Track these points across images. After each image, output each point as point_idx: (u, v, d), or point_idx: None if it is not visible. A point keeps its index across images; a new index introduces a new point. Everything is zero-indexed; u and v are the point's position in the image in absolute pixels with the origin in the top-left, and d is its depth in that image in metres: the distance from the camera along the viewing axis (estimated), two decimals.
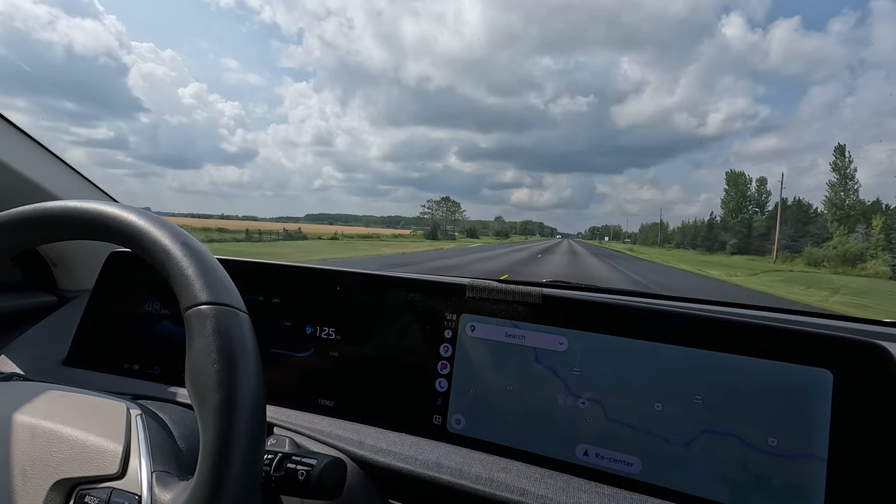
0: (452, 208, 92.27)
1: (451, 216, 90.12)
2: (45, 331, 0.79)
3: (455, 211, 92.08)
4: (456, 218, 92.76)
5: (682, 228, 73.84)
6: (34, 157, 0.81)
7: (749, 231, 47.31)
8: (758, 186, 53.15)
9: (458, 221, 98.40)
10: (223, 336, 0.35)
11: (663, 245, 76.95)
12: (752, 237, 46.54)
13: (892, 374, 0.43)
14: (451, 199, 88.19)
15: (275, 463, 0.41)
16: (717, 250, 50.48)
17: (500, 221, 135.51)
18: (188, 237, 0.40)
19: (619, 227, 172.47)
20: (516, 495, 0.46)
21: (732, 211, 52.56)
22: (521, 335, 0.55)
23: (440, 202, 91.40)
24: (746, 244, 46.10)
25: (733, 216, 51.91)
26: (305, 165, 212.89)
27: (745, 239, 47.00)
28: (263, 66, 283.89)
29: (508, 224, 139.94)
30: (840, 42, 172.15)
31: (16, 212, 0.43)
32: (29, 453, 0.41)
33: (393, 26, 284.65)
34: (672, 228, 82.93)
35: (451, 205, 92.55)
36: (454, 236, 75.66)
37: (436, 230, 66.98)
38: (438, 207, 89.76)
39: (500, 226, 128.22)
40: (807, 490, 0.43)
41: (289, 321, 0.65)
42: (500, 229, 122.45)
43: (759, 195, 52.67)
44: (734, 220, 51.11)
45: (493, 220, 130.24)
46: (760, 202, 52.11)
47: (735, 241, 47.56)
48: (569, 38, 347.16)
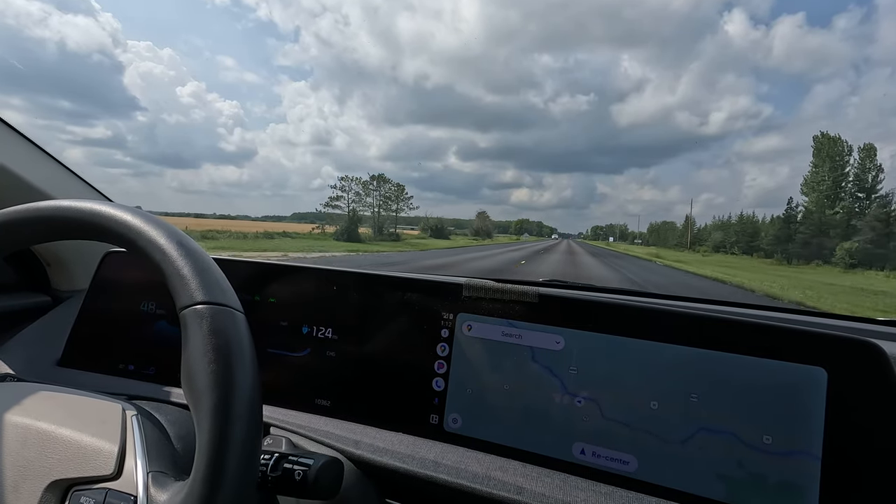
0: (392, 193, 52.46)
1: (388, 206, 52.10)
2: (40, 331, 0.78)
3: (399, 198, 53.07)
4: (398, 212, 53.82)
5: (720, 225, 56.20)
6: (28, 157, 0.81)
7: (888, 228, 27.97)
8: (861, 159, 32.31)
9: (422, 218, 66.44)
10: (219, 336, 0.35)
11: (694, 248, 61.03)
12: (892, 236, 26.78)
13: (886, 373, 0.44)
14: (395, 182, 54.21)
15: (271, 463, 0.41)
16: (804, 257, 31.25)
17: (483, 218, 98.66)
18: (184, 236, 0.40)
19: (625, 226, 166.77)
20: (513, 494, 0.46)
21: (827, 198, 34.08)
22: (517, 334, 0.55)
23: (367, 183, 50.95)
24: (872, 251, 26.75)
25: (828, 205, 33.20)
26: (304, 165, 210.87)
27: (880, 238, 27.18)
28: (260, 65, 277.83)
29: (495, 223, 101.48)
30: (845, 39, 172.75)
31: (8, 211, 0.43)
32: (23, 455, 0.40)
33: (389, 23, 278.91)
34: (702, 226, 68.10)
35: (388, 187, 52.27)
36: (398, 236, 49.70)
37: (354, 226, 40.56)
38: (366, 192, 50.00)
39: (481, 223, 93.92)
40: (802, 487, 0.43)
41: (285, 321, 0.65)
42: (481, 227, 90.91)
43: (864, 172, 32.43)
44: (832, 212, 32.25)
45: (474, 217, 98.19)
46: (865, 183, 32.35)
47: (857, 244, 28.48)
48: (568, 35, 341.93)
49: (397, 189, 53.01)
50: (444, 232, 58.22)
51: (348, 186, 47.83)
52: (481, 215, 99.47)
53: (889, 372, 0.44)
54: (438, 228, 59.84)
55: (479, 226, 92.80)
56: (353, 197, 47.98)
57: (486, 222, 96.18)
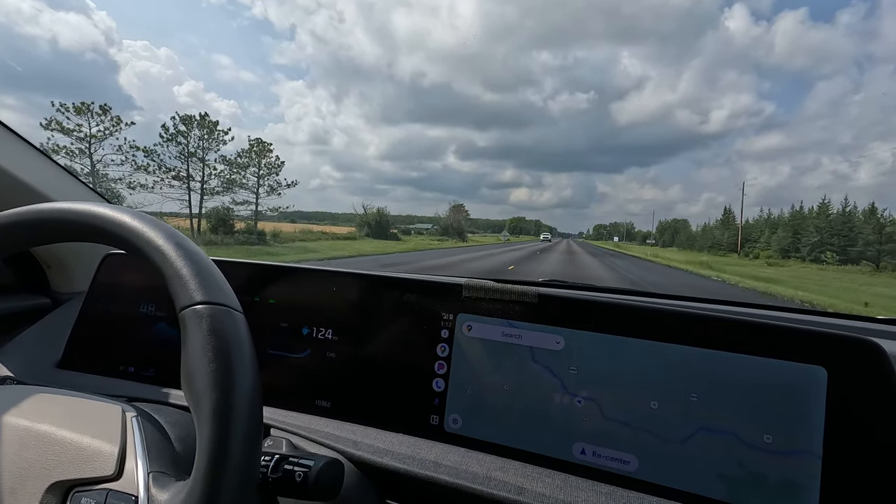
0: (265, 167, 25.11)
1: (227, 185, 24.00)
2: (39, 333, 0.78)
3: (273, 166, 25.36)
4: (258, 206, 24.98)
5: (788, 221, 39.68)
6: (26, 159, 0.81)
7: None
8: None
9: (336, 215, 43.58)
10: (219, 336, 0.35)
11: (744, 251, 44.73)
12: None
13: (885, 371, 0.44)
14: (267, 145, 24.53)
15: (272, 464, 0.41)
16: None
17: (458, 210, 68.21)
18: (182, 237, 0.40)
19: (632, 224, 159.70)
20: (514, 494, 0.46)
21: None
22: (517, 334, 0.55)
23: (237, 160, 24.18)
24: None
25: None
26: (303, 164, 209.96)
27: None
28: (256, 63, 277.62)
29: (473, 220, 65.15)
30: (848, 35, 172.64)
31: (6, 214, 0.43)
32: (22, 457, 0.40)
33: (384, 19, 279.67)
34: (749, 221, 52.21)
35: (260, 150, 24.81)
36: (259, 240, 22.62)
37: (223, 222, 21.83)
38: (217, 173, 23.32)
39: (452, 218, 63.06)
40: (802, 486, 0.43)
41: (285, 322, 0.65)
42: (451, 224, 60.44)
43: None
44: None
45: (447, 211, 66.48)
46: None
47: None
48: (567, 31, 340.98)
49: (270, 159, 25.45)
50: (385, 229, 39.45)
51: None
52: (456, 208, 66.02)
53: (889, 371, 0.44)
54: (379, 224, 39.09)
55: (450, 222, 61.13)
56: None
57: (459, 217, 65.71)
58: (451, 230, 50.25)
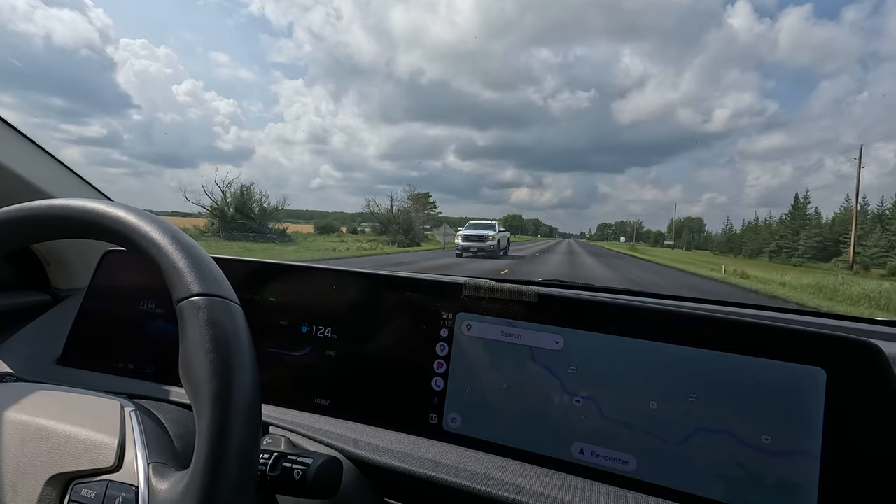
0: None
1: None
2: (39, 330, 0.78)
3: None
4: None
5: None
6: (26, 155, 0.81)
7: None
8: None
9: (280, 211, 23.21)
10: (216, 326, 0.35)
11: (828, 255, 33.94)
12: None
13: (884, 373, 0.44)
14: None
15: (270, 462, 0.41)
16: None
17: (418, 199, 38.47)
18: (178, 231, 0.40)
19: (640, 223, 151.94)
20: (512, 493, 0.46)
21: None
22: (517, 334, 0.55)
23: None
24: None
25: None
26: (303, 164, 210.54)
27: None
28: (254, 61, 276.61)
29: (439, 218, 43.09)
30: (853, 32, 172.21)
31: (4, 211, 0.43)
32: (22, 452, 0.41)
33: (382, 16, 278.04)
34: (828, 218, 42.07)
35: None
36: None
37: None
38: None
39: (402, 214, 32.31)
40: (800, 487, 0.44)
41: (284, 320, 0.65)
42: (394, 221, 31.14)
43: None
44: None
45: (400, 204, 33.91)
46: None
47: None
48: (567, 28, 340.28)
49: None
50: (327, 227, 35.07)
51: None
52: (417, 197, 39.62)
53: (888, 372, 0.44)
54: (325, 224, 35.74)
55: (395, 218, 32.97)
56: None
57: (424, 211, 42.23)
58: (393, 228, 30.73)
